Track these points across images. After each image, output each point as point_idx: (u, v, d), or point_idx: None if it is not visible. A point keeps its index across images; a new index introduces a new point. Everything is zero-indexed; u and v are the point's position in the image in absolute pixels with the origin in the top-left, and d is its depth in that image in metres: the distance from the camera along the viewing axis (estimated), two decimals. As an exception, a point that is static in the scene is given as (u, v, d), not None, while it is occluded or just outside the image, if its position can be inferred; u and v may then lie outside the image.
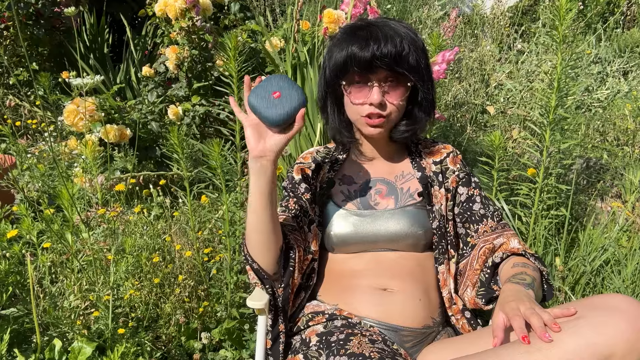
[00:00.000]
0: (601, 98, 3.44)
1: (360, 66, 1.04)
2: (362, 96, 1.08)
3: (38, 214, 1.86)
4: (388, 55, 1.02)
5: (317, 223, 1.16)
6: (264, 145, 1.00)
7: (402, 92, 1.08)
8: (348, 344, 0.94)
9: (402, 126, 1.13)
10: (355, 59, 1.03)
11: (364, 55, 1.02)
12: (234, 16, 3.18)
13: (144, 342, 1.42)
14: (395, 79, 1.06)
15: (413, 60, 1.05)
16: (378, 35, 1.03)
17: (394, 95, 1.07)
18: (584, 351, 0.74)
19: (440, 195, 1.16)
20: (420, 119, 1.14)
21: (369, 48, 1.02)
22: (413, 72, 1.06)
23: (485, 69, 3.55)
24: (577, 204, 2.27)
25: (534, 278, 0.97)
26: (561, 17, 1.50)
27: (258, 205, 1.01)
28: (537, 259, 1.05)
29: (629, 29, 4.89)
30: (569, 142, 1.77)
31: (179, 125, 2.56)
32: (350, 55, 1.04)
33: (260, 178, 1.00)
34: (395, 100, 1.08)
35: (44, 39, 3.27)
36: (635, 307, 0.78)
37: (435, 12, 3.86)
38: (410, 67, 1.05)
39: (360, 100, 1.08)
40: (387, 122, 1.10)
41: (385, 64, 1.03)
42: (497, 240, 1.10)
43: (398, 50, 1.02)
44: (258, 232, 1.03)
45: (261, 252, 1.05)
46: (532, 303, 0.84)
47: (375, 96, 1.05)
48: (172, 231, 1.79)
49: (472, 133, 2.94)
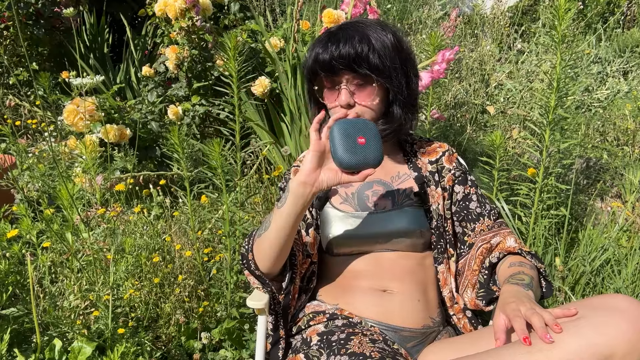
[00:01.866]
0: (601, 98, 3.44)
1: (323, 69, 1.06)
2: (332, 98, 1.09)
3: (38, 214, 1.86)
4: (346, 56, 1.03)
5: (315, 226, 1.16)
6: (318, 175, 0.96)
7: (370, 92, 1.08)
8: (349, 344, 0.94)
9: (380, 125, 1.12)
10: (317, 61, 1.06)
11: (323, 58, 1.04)
12: (233, 16, 3.18)
13: (144, 342, 1.42)
14: (362, 79, 1.07)
15: (375, 60, 1.04)
16: (338, 37, 1.04)
17: (361, 95, 1.08)
18: (585, 351, 0.74)
19: (437, 194, 1.16)
20: (398, 116, 1.12)
21: (328, 50, 1.04)
22: (376, 71, 1.05)
23: (485, 69, 3.55)
24: (577, 203, 2.27)
25: (532, 277, 0.97)
26: (560, 17, 1.50)
27: (285, 225, 0.99)
28: (533, 256, 1.05)
29: (629, 29, 4.90)
30: (569, 142, 1.77)
31: (179, 125, 2.56)
32: (314, 57, 1.06)
33: (297, 203, 0.97)
34: (363, 100, 1.08)
35: (44, 39, 3.28)
36: (636, 307, 0.78)
37: (436, 12, 3.86)
38: (373, 67, 1.05)
39: (332, 103, 1.09)
40: None
41: (343, 64, 1.03)
42: (494, 240, 1.10)
43: (357, 51, 1.03)
44: (273, 248, 1.02)
45: (270, 263, 1.04)
46: (532, 303, 0.84)
47: (342, 97, 1.06)
48: (172, 231, 1.79)
49: (472, 133, 2.94)
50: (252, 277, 1.08)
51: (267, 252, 1.03)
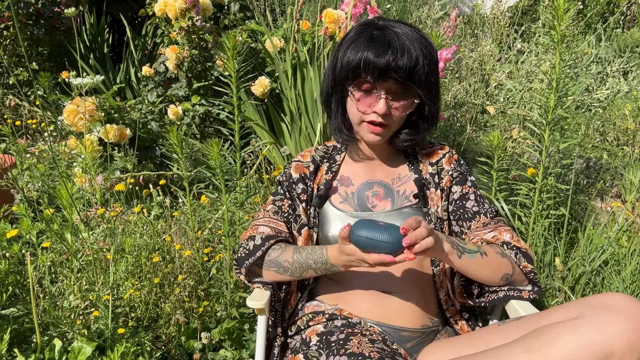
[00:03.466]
0: (601, 98, 3.44)
1: (372, 73, 1.02)
2: (367, 103, 1.06)
3: (38, 214, 1.86)
4: (403, 68, 1.00)
5: (311, 225, 1.16)
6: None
7: (408, 105, 1.07)
8: (348, 344, 0.94)
9: (404, 135, 1.13)
10: (369, 65, 1.01)
11: (378, 63, 1.00)
12: (233, 16, 3.18)
13: (144, 342, 1.42)
14: (403, 91, 1.05)
15: (424, 75, 1.03)
16: (395, 45, 1.01)
17: (399, 107, 1.06)
18: (584, 350, 0.74)
19: (436, 197, 1.16)
20: (423, 129, 1.14)
21: (385, 57, 0.99)
22: (422, 87, 1.04)
23: (485, 68, 3.55)
24: (576, 203, 2.27)
25: (484, 253, 1.01)
26: (559, 17, 1.50)
27: (313, 274, 1.08)
28: (522, 253, 1.05)
29: (629, 28, 4.90)
30: (569, 142, 1.77)
31: (178, 125, 2.56)
32: (365, 60, 1.01)
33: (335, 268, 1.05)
34: (399, 112, 1.07)
35: (44, 39, 3.27)
36: (635, 305, 0.78)
37: (435, 12, 3.86)
38: (421, 82, 1.03)
39: (365, 108, 1.07)
40: (387, 131, 1.10)
41: (398, 76, 1.01)
42: (488, 235, 1.10)
43: (413, 64, 1.00)
44: (285, 279, 1.11)
45: (274, 281, 1.14)
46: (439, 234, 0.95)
47: (381, 106, 1.04)
48: (172, 231, 1.79)
49: (472, 133, 2.94)
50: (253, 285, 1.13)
51: (277, 278, 1.12)
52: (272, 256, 1.10)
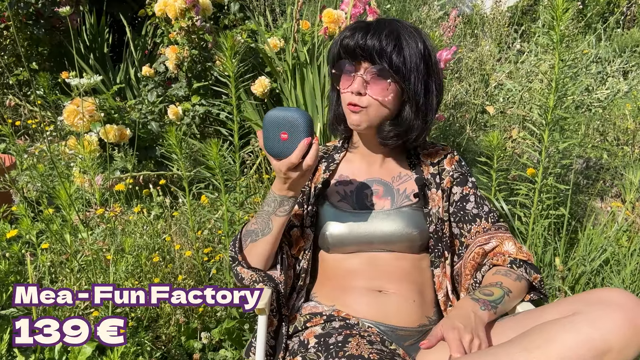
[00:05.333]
0: (601, 98, 3.44)
1: (346, 53, 1.07)
2: (346, 84, 1.09)
3: (38, 214, 1.86)
4: (370, 47, 1.04)
5: (309, 224, 1.17)
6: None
7: (383, 86, 1.06)
8: (347, 346, 0.94)
9: (387, 126, 1.11)
10: (342, 45, 1.08)
11: (347, 43, 1.06)
12: (233, 16, 3.18)
13: (144, 342, 1.42)
14: (379, 73, 1.06)
15: (397, 58, 1.04)
16: (368, 28, 1.06)
17: (374, 88, 1.07)
18: (582, 347, 0.74)
19: (437, 197, 1.16)
20: (407, 120, 1.11)
21: (355, 37, 1.05)
22: (395, 69, 1.05)
23: (485, 68, 3.55)
24: (576, 204, 2.27)
25: (509, 290, 0.99)
26: (558, 17, 1.50)
27: (278, 220, 1.08)
28: (529, 266, 1.05)
29: (629, 28, 4.90)
30: (568, 142, 1.77)
31: (178, 125, 2.56)
32: (340, 41, 1.09)
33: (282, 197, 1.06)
34: (374, 94, 1.07)
35: (44, 39, 3.28)
36: (631, 300, 0.78)
37: (435, 12, 3.86)
38: (393, 64, 1.04)
39: (345, 89, 1.10)
40: (366, 114, 1.09)
41: (366, 53, 1.04)
42: (489, 245, 1.10)
43: (382, 44, 1.03)
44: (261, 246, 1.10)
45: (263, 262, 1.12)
46: (475, 325, 0.89)
47: (355, 85, 1.06)
48: (171, 231, 1.79)
49: (471, 133, 2.94)
50: (248, 272, 1.11)
51: (258, 254, 1.11)
52: (243, 232, 1.13)
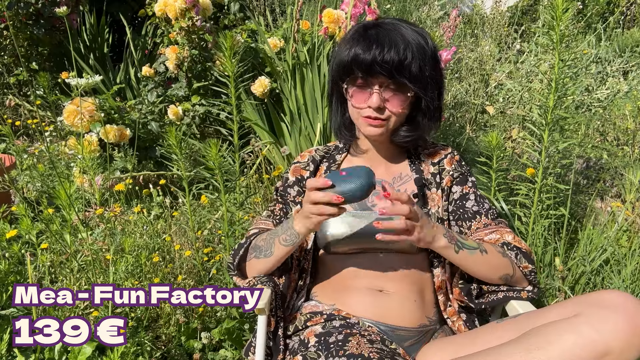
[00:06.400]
0: (601, 98, 3.43)
1: (361, 69, 1.04)
2: (362, 99, 1.08)
3: (38, 214, 1.86)
4: (390, 62, 1.01)
5: None
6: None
7: (402, 100, 1.07)
8: (347, 345, 0.94)
9: (403, 131, 1.13)
10: (357, 61, 1.03)
11: (365, 59, 1.02)
12: (233, 16, 3.18)
13: (144, 342, 1.42)
14: (397, 86, 1.05)
15: (416, 69, 1.03)
16: (383, 40, 1.02)
17: (393, 102, 1.07)
18: (582, 349, 0.75)
19: (437, 197, 1.16)
20: (423, 125, 1.13)
21: (371, 52, 1.01)
22: (415, 81, 1.05)
23: (485, 68, 3.55)
24: (576, 204, 2.27)
25: (484, 250, 1.02)
26: (558, 17, 1.50)
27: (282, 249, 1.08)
28: (522, 254, 1.06)
29: (629, 28, 4.90)
30: (568, 142, 1.77)
31: (178, 125, 2.56)
32: (354, 56, 1.04)
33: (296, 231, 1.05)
34: (394, 107, 1.07)
35: (44, 39, 3.27)
36: (632, 302, 0.78)
37: (435, 12, 3.86)
38: (412, 76, 1.04)
39: (360, 104, 1.08)
40: (387, 126, 1.10)
41: (385, 70, 1.02)
42: (489, 237, 1.10)
43: (400, 58, 1.01)
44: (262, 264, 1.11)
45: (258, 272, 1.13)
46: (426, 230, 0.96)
47: (374, 100, 1.05)
48: (171, 231, 1.79)
49: (471, 133, 2.94)
50: (245, 280, 1.13)
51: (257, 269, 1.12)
52: (252, 244, 1.13)
